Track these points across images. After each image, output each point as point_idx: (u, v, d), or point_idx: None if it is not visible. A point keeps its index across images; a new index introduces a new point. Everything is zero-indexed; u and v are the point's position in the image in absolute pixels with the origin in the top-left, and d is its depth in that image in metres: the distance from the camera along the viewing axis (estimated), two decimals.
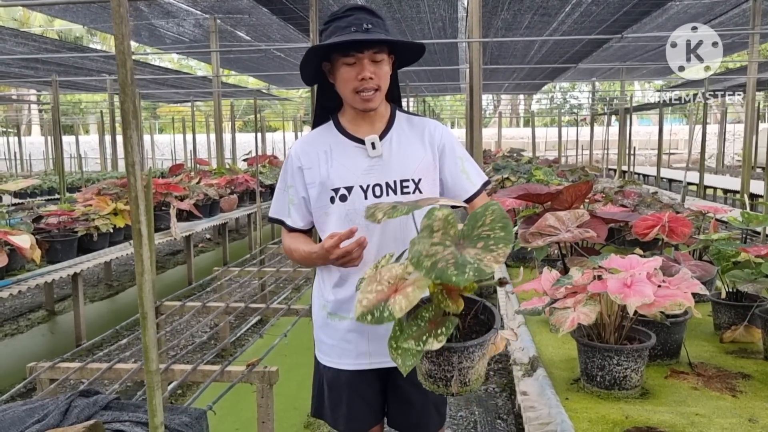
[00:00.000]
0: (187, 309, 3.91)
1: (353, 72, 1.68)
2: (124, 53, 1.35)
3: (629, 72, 15.80)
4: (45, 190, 12.70)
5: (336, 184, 1.74)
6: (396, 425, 1.91)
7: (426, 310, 1.34)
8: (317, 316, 1.87)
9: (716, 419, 1.66)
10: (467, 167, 1.87)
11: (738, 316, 2.30)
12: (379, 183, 1.74)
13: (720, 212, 3.22)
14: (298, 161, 1.79)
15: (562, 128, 20.19)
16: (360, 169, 1.74)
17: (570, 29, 9.92)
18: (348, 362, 1.80)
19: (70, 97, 25.13)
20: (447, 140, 1.85)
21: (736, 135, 22.97)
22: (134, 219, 1.40)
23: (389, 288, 1.31)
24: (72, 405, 1.99)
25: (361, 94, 1.69)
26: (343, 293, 1.78)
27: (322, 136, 1.82)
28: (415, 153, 1.79)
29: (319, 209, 1.78)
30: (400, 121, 1.83)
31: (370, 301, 1.30)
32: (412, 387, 1.82)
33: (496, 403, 3.77)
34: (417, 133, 1.83)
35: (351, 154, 1.76)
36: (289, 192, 1.82)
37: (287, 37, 11.11)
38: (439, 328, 1.28)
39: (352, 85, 1.69)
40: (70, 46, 11.92)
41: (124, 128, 1.38)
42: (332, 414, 1.86)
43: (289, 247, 1.84)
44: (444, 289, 1.33)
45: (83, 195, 5.84)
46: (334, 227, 1.74)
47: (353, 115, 1.79)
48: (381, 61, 1.70)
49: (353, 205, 1.73)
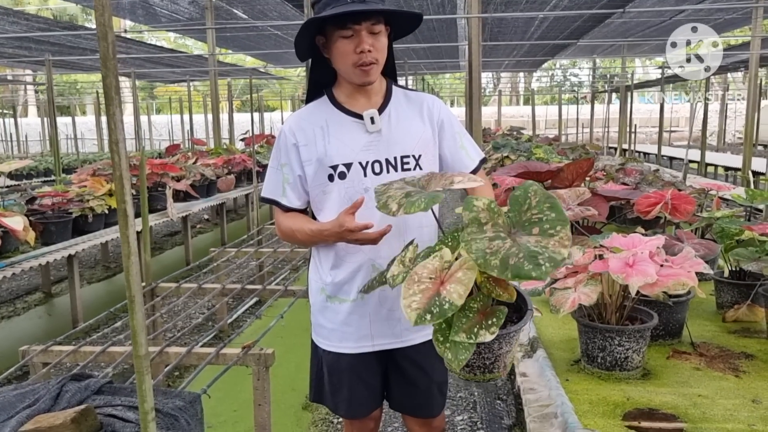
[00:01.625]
0: (183, 290, 3.87)
1: (351, 45, 1.61)
2: (104, 25, 1.29)
3: (630, 48, 15.63)
4: (41, 172, 12.64)
5: (334, 161, 1.68)
6: (400, 407, 1.89)
7: (474, 301, 1.28)
8: (315, 300, 1.82)
9: (719, 400, 1.63)
10: (465, 143, 1.83)
11: (741, 295, 2.26)
12: (379, 159, 1.68)
13: (723, 189, 3.17)
14: (292, 137, 1.72)
15: (563, 106, 20.05)
16: (359, 145, 1.68)
17: (571, 4, 9.76)
18: (349, 345, 1.76)
19: (66, 78, 24.89)
20: (445, 116, 1.80)
21: (737, 112, 22.83)
22: (119, 199, 1.34)
23: (434, 283, 1.25)
24: (63, 389, 1.96)
25: (360, 67, 1.63)
26: (342, 274, 1.73)
27: (317, 111, 1.75)
28: (415, 128, 1.74)
29: (317, 187, 1.72)
30: (397, 96, 1.77)
31: (421, 300, 1.23)
32: (416, 369, 1.80)
33: (496, 383, 3.76)
34: (415, 107, 1.77)
35: (349, 129, 1.70)
36: (283, 170, 1.75)
37: (284, 15, 10.96)
38: (490, 318, 1.24)
39: (351, 59, 1.62)
40: (65, 24, 11.77)
41: (106, 104, 1.32)
42: (333, 399, 1.83)
43: (289, 228, 1.75)
44: (491, 277, 1.28)
45: (78, 176, 5.79)
46: (333, 206, 1.69)
47: (350, 89, 1.72)
48: (379, 33, 1.64)
49: (352, 183, 1.68)
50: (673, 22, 11.63)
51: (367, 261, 1.71)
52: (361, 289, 1.68)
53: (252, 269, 5.78)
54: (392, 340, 1.76)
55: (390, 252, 1.67)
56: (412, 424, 1.92)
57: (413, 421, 1.90)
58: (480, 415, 3.37)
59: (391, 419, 3.27)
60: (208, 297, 3.92)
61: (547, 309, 2.45)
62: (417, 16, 1.71)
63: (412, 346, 1.78)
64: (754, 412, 1.57)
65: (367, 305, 1.72)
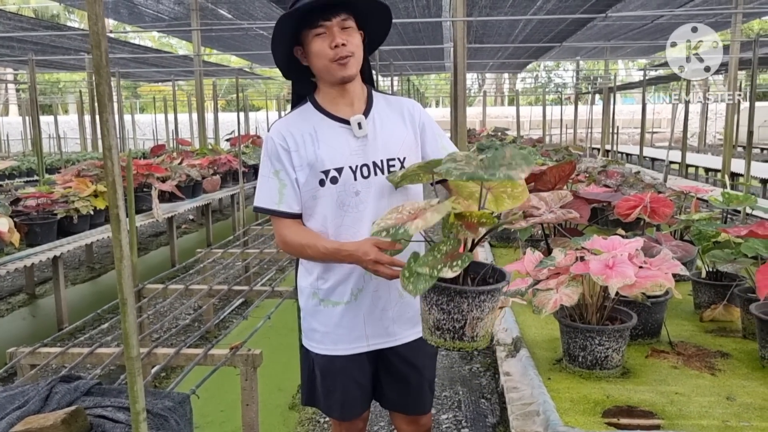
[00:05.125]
0: (170, 292, 3.88)
1: (325, 42, 1.65)
2: (98, 34, 1.31)
3: (613, 51, 15.81)
4: (23, 172, 12.49)
5: (326, 165, 1.70)
6: (392, 406, 1.92)
7: (444, 244, 1.38)
8: (307, 304, 1.83)
9: (695, 398, 1.69)
10: (446, 144, 1.88)
11: (718, 296, 2.33)
12: (366, 163, 1.72)
13: (701, 192, 3.24)
14: (283, 143, 1.73)
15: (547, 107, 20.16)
16: (348, 150, 1.72)
17: (554, 8, 9.87)
18: (344, 347, 1.78)
19: (48, 76, 24.63)
20: (425, 118, 1.86)
21: (718, 114, 23.13)
22: (111, 204, 1.37)
23: (409, 216, 1.38)
24: (53, 391, 1.97)
25: (337, 62, 1.66)
26: (335, 277, 1.76)
27: (303, 117, 1.77)
28: (398, 132, 1.78)
29: (307, 192, 1.73)
30: (378, 101, 1.82)
31: (388, 223, 1.37)
32: (409, 366, 1.84)
33: (480, 382, 3.81)
34: (396, 111, 1.82)
35: (337, 134, 1.73)
36: (279, 176, 1.73)
37: (270, 15, 10.95)
38: (455, 261, 1.32)
39: (327, 54, 1.65)
40: (47, 24, 11.67)
41: (100, 111, 1.34)
42: (326, 401, 1.85)
43: (298, 243, 1.72)
44: (463, 223, 1.40)
45: (62, 177, 5.75)
46: (325, 210, 1.72)
47: (332, 94, 1.75)
48: (350, 28, 1.68)
49: (344, 187, 1.71)
50: (655, 26, 11.80)
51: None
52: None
53: (238, 270, 5.79)
54: (386, 339, 1.80)
55: None
56: (400, 423, 1.95)
57: (402, 419, 1.94)
58: (465, 414, 3.41)
59: (377, 418, 3.31)
60: (195, 298, 3.93)
61: (530, 310, 2.50)
62: (384, 9, 1.72)
63: (404, 345, 1.82)
64: (728, 409, 1.63)
65: (360, 306, 1.75)
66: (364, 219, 1.70)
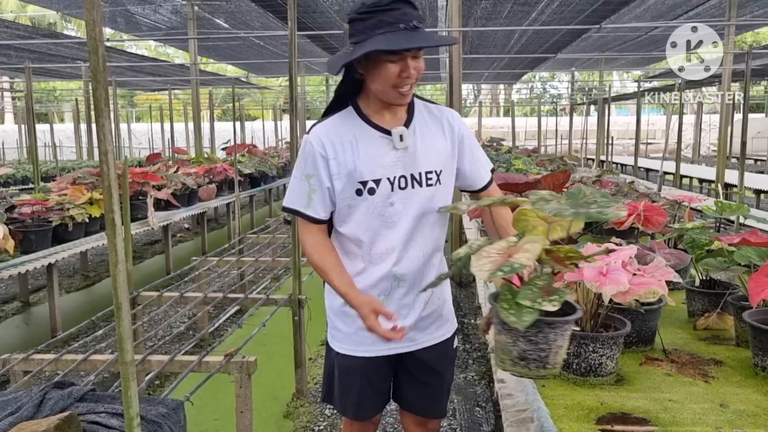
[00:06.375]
0: (164, 299, 3.87)
1: (396, 69, 1.61)
2: (96, 39, 1.32)
3: (608, 62, 15.92)
4: (19, 180, 12.46)
5: (365, 176, 1.69)
6: (410, 407, 1.94)
7: (539, 279, 1.41)
8: (333, 304, 1.84)
9: (689, 405, 1.69)
10: (480, 156, 1.88)
11: (711, 304, 2.33)
12: (404, 175, 1.72)
13: (695, 201, 3.26)
14: (321, 149, 1.70)
15: (542, 118, 20.28)
16: (387, 161, 1.71)
17: (549, 19, 9.95)
18: (365, 349, 1.80)
19: (44, 85, 24.64)
20: (464, 130, 1.84)
21: (712, 125, 23.27)
22: (107, 209, 1.37)
23: (502, 256, 1.38)
24: (46, 397, 1.96)
25: (399, 89, 1.64)
26: (363, 283, 1.77)
27: (344, 123, 1.74)
28: (438, 144, 1.77)
29: (343, 201, 1.73)
30: (420, 109, 1.80)
31: (492, 266, 1.36)
32: (430, 370, 1.87)
33: (475, 390, 3.81)
34: (437, 122, 1.80)
35: (377, 144, 1.71)
36: (309, 181, 1.72)
37: (266, 25, 11.01)
38: (552, 295, 1.35)
39: (393, 81, 1.62)
40: (44, 32, 11.69)
41: (96, 116, 1.35)
42: (342, 401, 1.87)
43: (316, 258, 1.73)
44: (552, 257, 1.43)
45: (58, 184, 5.74)
46: (360, 218, 1.73)
47: (378, 105, 1.72)
48: (421, 56, 1.66)
49: (381, 198, 1.71)
50: (649, 38, 11.90)
51: (389, 272, 1.76)
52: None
53: (233, 278, 5.78)
54: (408, 344, 1.81)
55: (410, 263, 1.75)
56: (410, 424, 1.97)
57: (413, 421, 1.96)
58: (459, 423, 3.41)
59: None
60: (190, 306, 3.92)
61: None
62: (453, 42, 1.85)
63: (425, 348, 1.84)
64: (721, 416, 1.63)
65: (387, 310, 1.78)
66: (397, 229, 1.72)
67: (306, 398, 3.70)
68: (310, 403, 3.68)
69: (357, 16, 1.61)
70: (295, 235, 3.46)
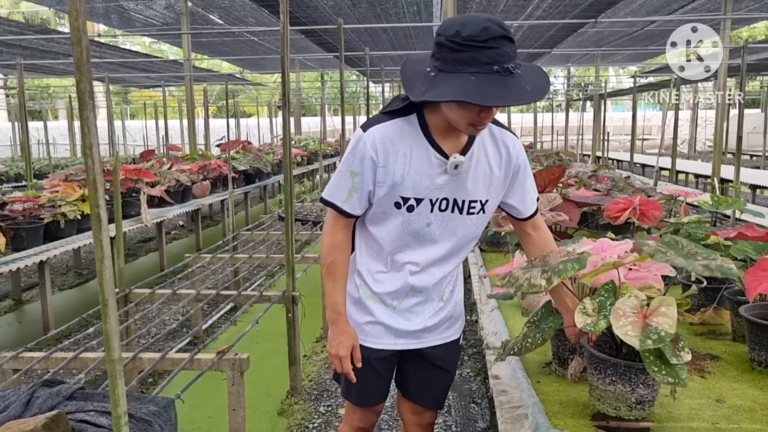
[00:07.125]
0: (157, 296, 3.84)
1: (477, 109, 1.50)
2: (79, 30, 1.29)
3: (604, 57, 15.91)
4: (12, 177, 12.40)
5: (408, 193, 1.65)
6: (411, 396, 1.95)
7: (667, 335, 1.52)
8: (352, 289, 1.83)
9: (685, 400, 1.68)
10: (530, 186, 1.81)
11: (707, 298, 2.32)
12: (448, 198, 1.68)
13: (690, 196, 3.25)
14: (373, 153, 1.63)
15: (538, 114, 20.27)
16: (435, 184, 1.66)
17: (545, 14, 9.93)
18: (373, 341, 1.81)
19: (38, 82, 24.51)
20: (522, 159, 1.76)
21: (707, 121, 23.30)
22: (92, 203, 1.34)
23: (638, 316, 1.48)
24: (34, 395, 1.93)
25: (475, 126, 1.55)
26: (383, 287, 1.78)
27: (403, 131, 1.65)
28: (490, 174, 1.71)
29: (380, 207, 1.69)
30: (482, 135, 1.70)
31: (634, 330, 1.44)
32: (434, 365, 1.87)
33: (470, 387, 3.79)
34: (495, 150, 1.72)
35: (431, 165, 1.64)
36: (354, 179, 1.66)
37: (260, 21, 10.96)
38: (680, 344, 1.46)
39: (472, 119, 1.52)
40: (37, 28, 11.60)
41: (80, 109, 1.32)
42: (347, 386, 1.87)
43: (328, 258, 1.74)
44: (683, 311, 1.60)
45: (50, 181, 5.70)
46: (392, 228, 1.71)
47: (445, 126, 1.62)
48: None
49: (418, 216, 1.69)
50: (645, 33, 11.89)
51: (407, 283, 1.76)
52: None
53: (227, 275, 5.75)
54: (413, 341, 1.82)
55: (430, 278, 1.75)
56: (406, 411, 1.97)
57: (410, 408, 1.96)
58: (455, 419, 3.39)
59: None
60: (183, 303, 3.89)
61: (520, 313, 2.49)
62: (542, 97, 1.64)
63: (432, 347, 1.84)
64: (717, 411, 1.62)
65: (399, 312, 1.79)
66: (427, 248, 1.72)
67: (300, 395, 3.68)
68: (304, 400, 3.65)
69: (448, 44, 1.46)
70: (289, 233, 3.43)
